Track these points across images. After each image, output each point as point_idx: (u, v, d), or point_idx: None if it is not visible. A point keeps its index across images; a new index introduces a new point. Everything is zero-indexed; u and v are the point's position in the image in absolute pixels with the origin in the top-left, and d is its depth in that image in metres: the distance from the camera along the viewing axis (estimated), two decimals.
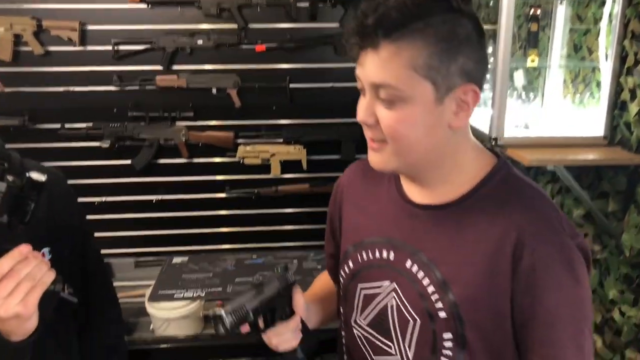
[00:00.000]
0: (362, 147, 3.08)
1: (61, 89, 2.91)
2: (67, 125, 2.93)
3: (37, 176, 0.98)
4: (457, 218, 0.98)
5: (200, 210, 3.07)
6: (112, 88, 2.90)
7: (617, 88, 1.40)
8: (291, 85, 2.98)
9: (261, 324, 1.05)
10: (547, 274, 0.90)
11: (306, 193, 3.11)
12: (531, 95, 1.73)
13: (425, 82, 0.88)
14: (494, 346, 0.96)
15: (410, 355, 1.02)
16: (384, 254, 1.06)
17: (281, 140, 3.06)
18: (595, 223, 1.51)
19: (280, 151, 3.06)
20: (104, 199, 3.01)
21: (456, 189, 1.00)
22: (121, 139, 2.93)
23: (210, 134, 3.01)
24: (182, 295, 2.20)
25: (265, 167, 3.08)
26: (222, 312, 1.01)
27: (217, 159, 3.05)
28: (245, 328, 1.03)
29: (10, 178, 0.95)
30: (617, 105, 1.41)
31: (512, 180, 0.99)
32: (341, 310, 1.21)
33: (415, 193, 1.05)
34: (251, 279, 2.14)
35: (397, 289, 1.03)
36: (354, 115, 1.00)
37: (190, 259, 2.68)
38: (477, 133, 1.60)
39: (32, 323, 0.92)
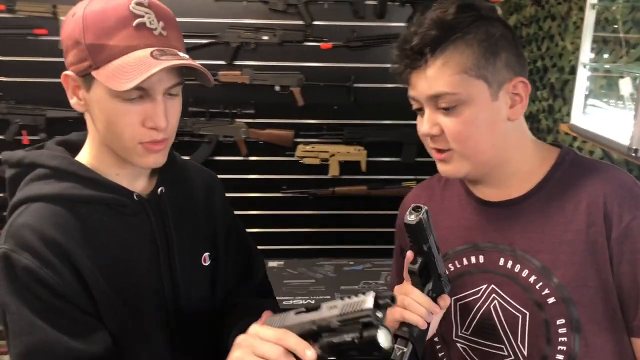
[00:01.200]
0: (423, 150, 3.02)
1: None
2: None
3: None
4: (540, 206, 1.03)
5: (255, 209, 3.01)
6: None
7: None
8: (355, 85, 2.91)
9: None
10: (638, 237, 0.96)
11: (363, 195, 3.05)
12: None
13: (478, 81, 0.97)
14: (604, 324, 0.99)
15: (525, 352, 1.02)
16: (472, 260, 1.08)
17: (341, 140, 2.99)
18: None
19: (340, 151, 3.00)
20: None
21: (528, 180, 1.05)
22: (180, 134, 2.87)
23: (271, 131, 2.94)
24: (291, 302, 2.12)
25: (322, 167, 3.02)
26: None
27: (275, 158, 2.98)
28: None
29: None
30: None
31: (583, 161, 1.06)
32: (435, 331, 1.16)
33: (487, 194, 1.09)
34: (357, 287, 2.08)
35: (496, 289, 1.05)
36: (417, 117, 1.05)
37: (287, 263, 2.62)
38: (611, 144, 1.54)
39: None
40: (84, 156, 1.01)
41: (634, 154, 1.39)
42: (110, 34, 0.88)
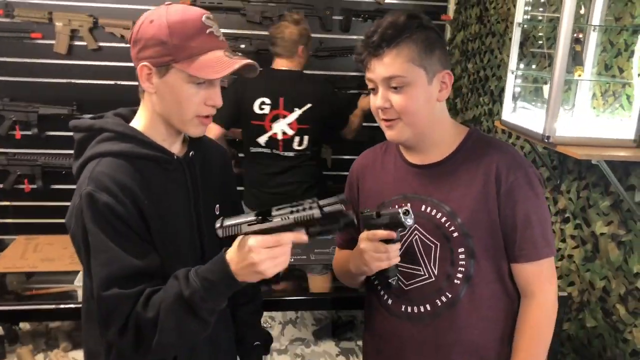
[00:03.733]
0: None
1: (110, 82, 3.13)
2: None
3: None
4: (452, 168, 1.38)
5: None
6: None
7: None
8: None
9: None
10: (519, 192, 1.32)
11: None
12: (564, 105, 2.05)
13: (419, 69, 1.29)
14: (492, 252, 1.35)
15: (435, 272, 1.36)
16: (402, 206, 1.35)
17: None
18: (621, 212, 1.84)
19: None
20: None
21: (444, 150, 1.39)
22: None
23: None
24: None
25: None
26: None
27: None
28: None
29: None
30: None
31: (484, 138, 1.43)
32: None
33: (415, 158, 1.42)
34: (329, 250, 2.39)
35: (418, 227, 1.38)
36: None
37: None
38: (530, 133, 1.92)
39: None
40: (137, 124, 1.30)
41: (546, 140, 1.77)
42: (191, 38, 1.19)
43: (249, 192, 2.94)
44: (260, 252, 1.09)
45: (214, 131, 2.75)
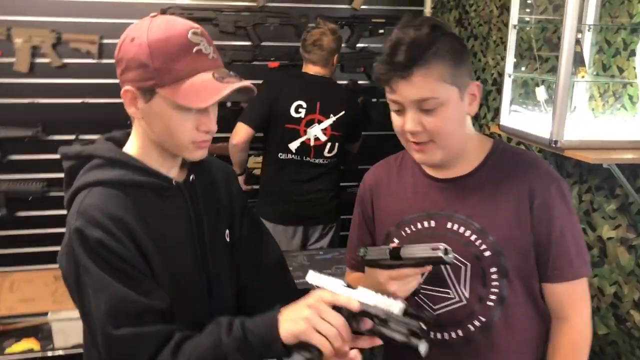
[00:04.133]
0: (366, 158, 3.31)
1: (77, 100, 2.95)
2: (81, 137, 2.96)
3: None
4: (479, 182, 1.27)
5: None
6: None
7: None
8: None
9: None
10: (553, 207, 1.24)
11: None
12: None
13: (451, 87, 1.18)
14: (524, 271, 1.25)
15: (467, 294, 1.26)
16: (425, 224, 1.30)
17: None
18: (629, 215, 1.79)
19: None
20: None
21: (470, 163, 1.29)
22: None
23: (222, 145, 3.12)
24: None
25: None
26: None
27: None
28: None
29: None
30: None
31: (511, 149, 1.34)
32: None
33: (437, 172, 1.32)
34: (330, 270, 2.28)
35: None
36: None
37: None
38: (534, 138, 1.86)
39: None
40: (130, 149, 1.18)
41: (554, 145, 1.71)
42: (175, 59, 1.04)
43: (268, 201, 2.82)
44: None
45: (241, 134, 2.69)
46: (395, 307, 0.99)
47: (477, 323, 1.26)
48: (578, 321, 1.28)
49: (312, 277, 1.10)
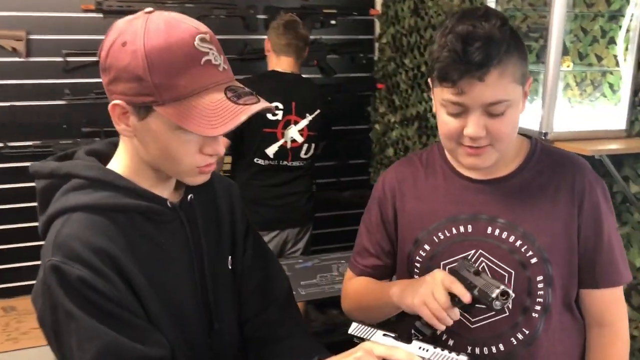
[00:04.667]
0: (320, 155, 3.20)
1: (6, 103, 2.65)
2: (10, 144, 2.67)
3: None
4: (520, 184, 1.19)
5: None
6: (62, 102, 2.70)
7: (635, 88, 1.69)
8: None
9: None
10: (601, 211, 1.18)
11: None
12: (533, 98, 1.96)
13: (519, 87, 1.10)
14: (566, 278, 1.18)
15: (509, 305, 1.15)
16: (461, 229, 1.19)
17: None
18: (614, 204, 1.77)
19: None
20: None
21: (509, 162, 1.20)
22: None
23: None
24: None
25: None
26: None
27: None
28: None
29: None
30: (636, 103, 1.69)
31: (549, 148, 1.26)
32: None
33: (473, 172, 1.21)
34: (315, 280, 2.14)
35: (484, 253, 1.18)
36: None
37: None
38: (522, 131, 1.79)
39: None
40: (117, 166, 0.99)
41: (543, 137, 1.66)
42: (179, 73, 0.86)
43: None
44: None
45: None
46: None
47: (520, 336, 1.17)
48: (621, 325, 1.22)
49: (356, 328, 0.99)
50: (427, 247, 1.23)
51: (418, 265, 1.26)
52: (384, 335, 0.97)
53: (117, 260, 0.91)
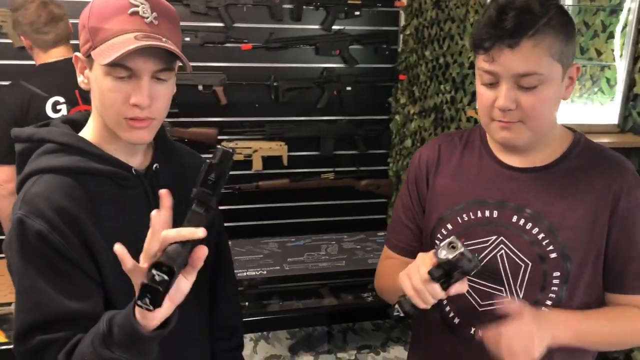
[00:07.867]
0: (340, 144, 3.26)
1: None
2: None
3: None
4: (556, 176, 1.17)
5: None
6: None
7: (629, 83, 1.68)
8: (275, 84, 3.08)
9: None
10: (635, 215, 1.14)
11: (285, 188, 3.22)
12: None
13: (557, 65, 1.08)
14: (585, 280, 1.16)
15: (521, 295, 1.17)
16: (487, 214, 1.20)
17: (263, 136, 3.15)
18: None
19: (263, 147, 3.16)
20: None
21: (548, 153, 1.19)
22: None
23: (194, 130, 3.04)
24: (245, 274, 2.22)
25: (246, 163, 3.15)
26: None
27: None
28: None
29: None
30: (629, 98, 1.69)
31: (593, 145, 1.22)
32: None
33: (511, 158, 1.21)
34: (302, 257, 2.23)
35: (505, 240, 1.18)
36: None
37: (234, 242, 2.67)
38: None
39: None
40: (87, 133, 1.10)
41: None
42: (107, 19, 0.99)
43: None
44: None
45: (2, 177, 2.23)
46: None
47: None
48: None
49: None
50: (449, 226, 1.25)
51: (438, 243, 1.25)
52: None
53: (78, 220, 1.01)
